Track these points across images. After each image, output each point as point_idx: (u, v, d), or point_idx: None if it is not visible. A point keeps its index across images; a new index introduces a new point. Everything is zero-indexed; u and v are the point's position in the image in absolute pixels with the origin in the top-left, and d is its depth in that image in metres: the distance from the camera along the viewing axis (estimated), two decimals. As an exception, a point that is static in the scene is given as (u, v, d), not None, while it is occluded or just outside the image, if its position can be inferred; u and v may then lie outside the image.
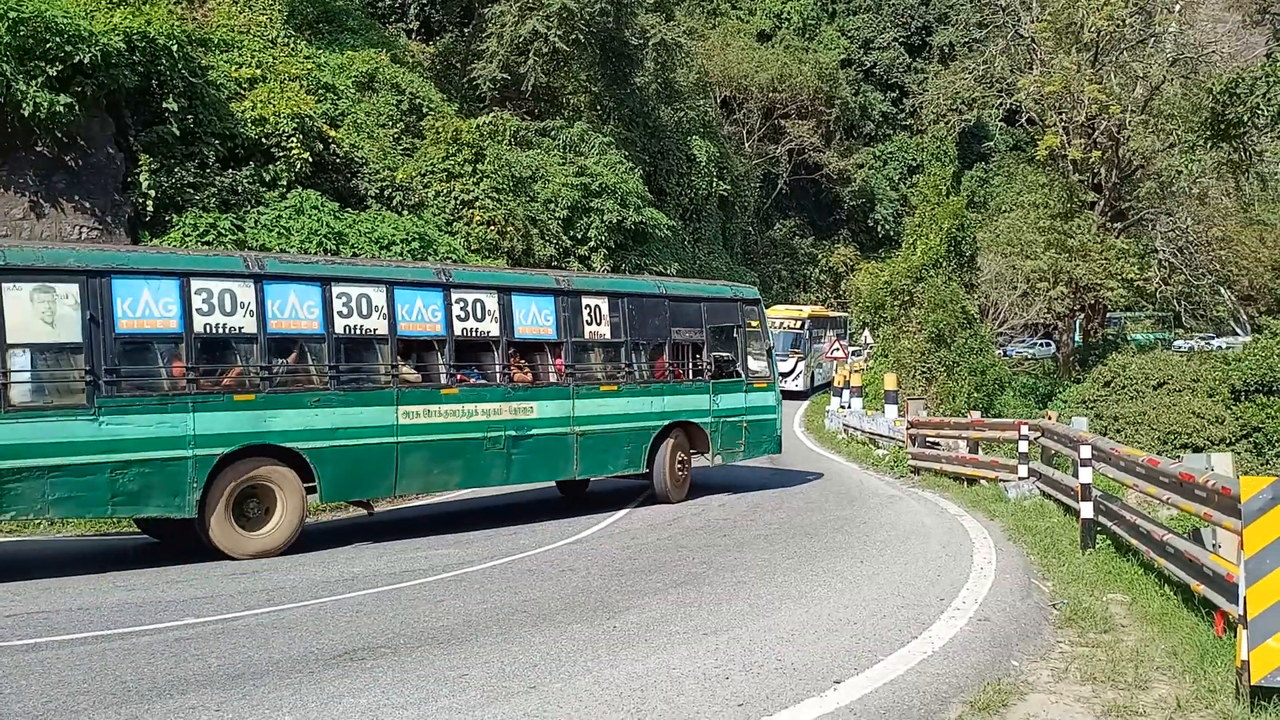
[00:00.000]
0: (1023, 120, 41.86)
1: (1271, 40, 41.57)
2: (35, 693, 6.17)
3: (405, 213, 20.24)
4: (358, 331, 11.39)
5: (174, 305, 10.17)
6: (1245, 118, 11.23)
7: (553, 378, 13.16)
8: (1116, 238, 34.44)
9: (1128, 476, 9.45)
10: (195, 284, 10.32)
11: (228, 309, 10.48)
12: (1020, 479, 13.59)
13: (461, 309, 12.28)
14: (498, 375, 12.60)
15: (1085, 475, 10.18)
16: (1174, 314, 44.87)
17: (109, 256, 10.31)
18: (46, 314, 9.56)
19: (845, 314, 44.71)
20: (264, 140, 17.94)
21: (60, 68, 14.45)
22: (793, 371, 35.61)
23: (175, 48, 16.34)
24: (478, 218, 22.26)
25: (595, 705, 5.80)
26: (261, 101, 18.41)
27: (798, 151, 52.39)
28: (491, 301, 12.58)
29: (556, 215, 27.52)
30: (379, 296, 11.56)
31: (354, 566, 10.39)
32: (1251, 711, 5.48)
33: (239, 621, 8.11)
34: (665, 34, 36.48)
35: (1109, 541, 10.14)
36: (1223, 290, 43.84)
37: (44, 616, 8.30)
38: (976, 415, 17.74)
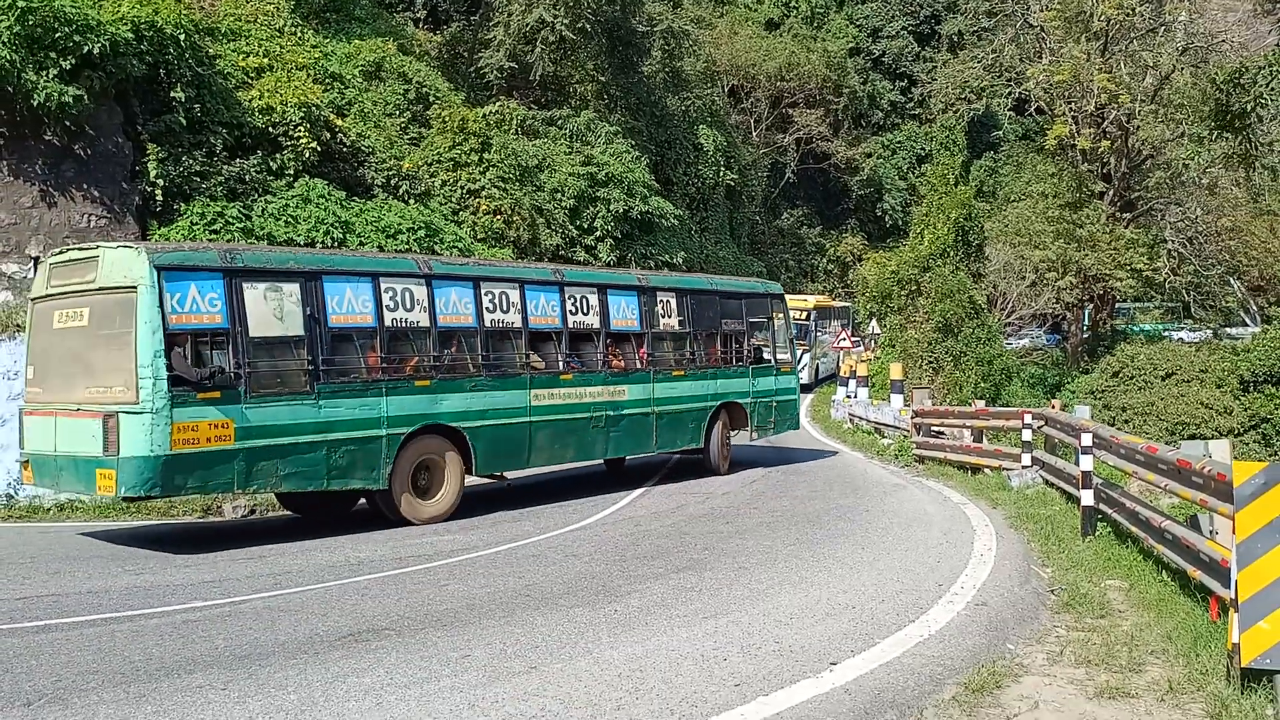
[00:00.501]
0: (1032, 110, 41.68)
1: (1280, 29, 41.29)
2: (45, 672, 6.29)
3: (411, 202, 20.29)
4: (500, 324, 13.06)
5: (370, 303, 11.62)
6: (1250, 108, 11.22)
7: (638, 364, 14.93)
8: (1126, 228, 34.33)
9: (1128, 464, 9.50)
10: (383, 284, 11.77)
11: (408, 305, 11.98)
12: (1024, 468, 13.64)
13: (573, 304, 14.05)
14: (599, 362, 14.34)
15: (1086, 463, 10.23)
16: (1183, 304, 44.70)
17: (321, 259, 11.85)
18: (277, 310, 10.85)
19: (848, 304, 44.24)
20: (271, 129, 18.00)
21: (71, 60, 14.53)
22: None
23: (183, 37, 16.39)
24: (484, 207, 22.32)
25: (594, 685, 5.90)
26: (269, 90, 18.46)
27: (805, 141, 52.26)
28: (594, 298, 14.37)
29: (563, 205, 27.52)
30: (514, 294, 13.20)
31: (359, 552, 10.51)
32: (1242, 693, 5.54)
33: (245, 604, 8.22)
34: (672, 22, 36.41)
35: (1109, 529, 10.19)
36: (1232, 281, 43.58)
37: (53, 599, 8.43)
38: (981, 404, 17.78)
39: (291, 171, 17.96)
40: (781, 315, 17.97)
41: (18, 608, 8.04)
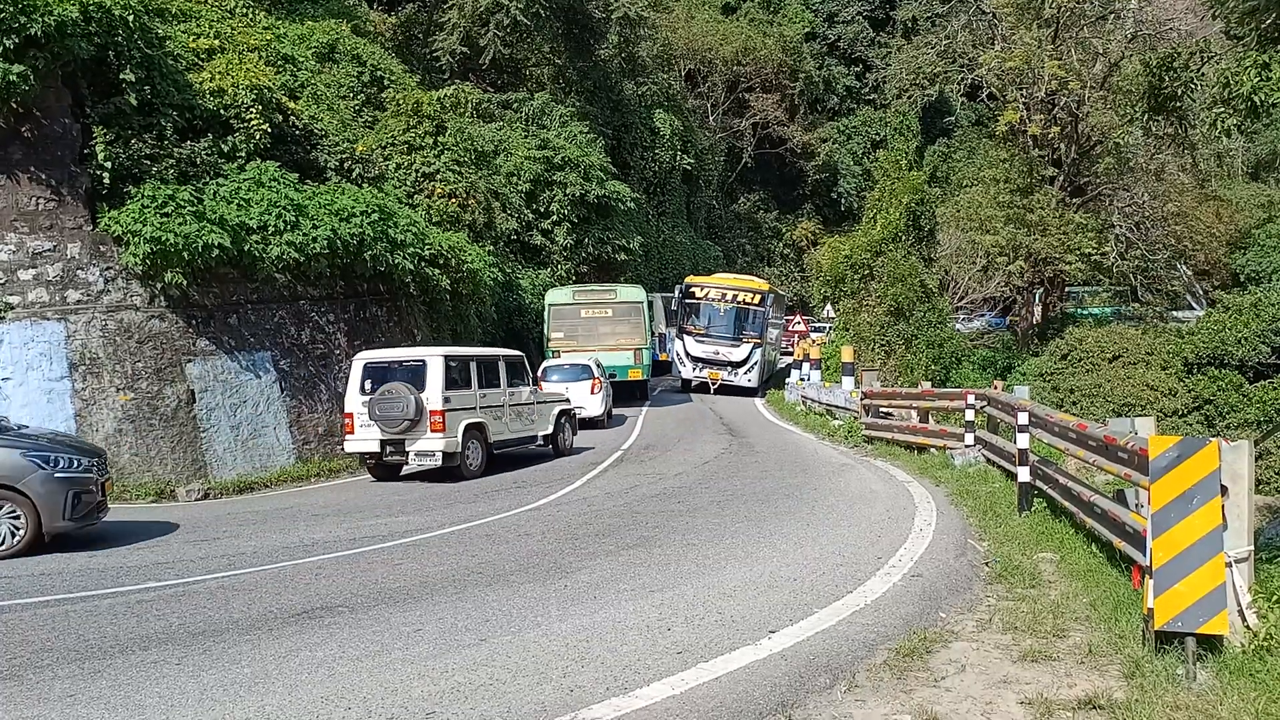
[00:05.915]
0: (984, 96, 42.18)
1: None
2: (-1, 650, 6.36)
3: (365, 185, 20.22)
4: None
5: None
6: (1180, 92, 11.60)
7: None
8: (1075, 213, 34.91)
9: (1061, 441, 9.82)
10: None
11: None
12: (967, 446, 13.97)
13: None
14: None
15: (1022, 440, 10.56)
16: (1130, 288, 45.61)
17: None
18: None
19: (780, 292, 42.70)
20: (222, 112, 17.81)
21: (15, 40, 14.31)
22: (746, 361, 28.62)
23: (132, 18, 16.16)
24: (439, 190, 22.31)
25: (542, 654, 6.09)
26: (220, 73, 18.27)
27: (762, 125, 52.57)
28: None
29: (519, 188, 27.57)
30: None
31: (314, 533, 10.61)
32: (1155, 655, 5.85)
33: (200, 585, 8.32)
34: (628, 7, 36.42)
35: (1045, 504, 10.53)
36: (1178, 265, 44.48)
37: (5, 581, 8.47)
38: (926, 385, 18.14)
39: (243, 154, 17.80)
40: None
41: (-31, 590, 8.08)
